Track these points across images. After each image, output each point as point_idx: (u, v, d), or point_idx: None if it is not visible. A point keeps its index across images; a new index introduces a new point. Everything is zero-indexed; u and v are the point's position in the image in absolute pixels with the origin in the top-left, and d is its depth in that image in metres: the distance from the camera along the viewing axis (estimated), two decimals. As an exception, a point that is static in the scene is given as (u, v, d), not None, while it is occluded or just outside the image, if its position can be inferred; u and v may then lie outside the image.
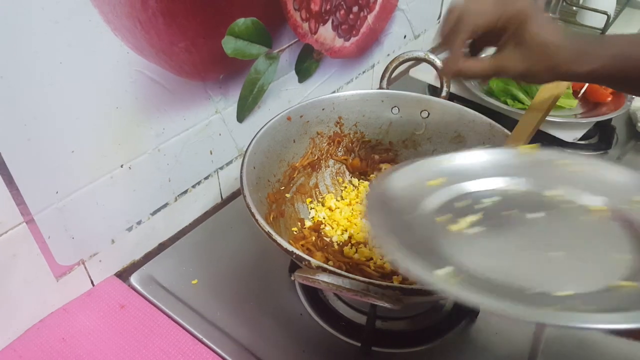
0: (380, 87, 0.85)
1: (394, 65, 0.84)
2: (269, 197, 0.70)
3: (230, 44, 0.75)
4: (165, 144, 0.73)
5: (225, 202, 0.90)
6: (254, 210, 0.59)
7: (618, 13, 1.52)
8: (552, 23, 0.56)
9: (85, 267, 0.70)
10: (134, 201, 0.73)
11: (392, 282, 0.64)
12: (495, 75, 0.59)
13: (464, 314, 0.70)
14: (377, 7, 1.04)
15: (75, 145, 0.61)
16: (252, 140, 0.70)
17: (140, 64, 0.64)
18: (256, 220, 0.58)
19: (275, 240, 0.56)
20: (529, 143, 0.72)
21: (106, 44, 0.59)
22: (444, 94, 0.84)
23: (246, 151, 0.68)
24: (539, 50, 0.55)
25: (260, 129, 0.72)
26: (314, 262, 0.53)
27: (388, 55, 1.18)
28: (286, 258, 0.73)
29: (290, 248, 0.55)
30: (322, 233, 0.73)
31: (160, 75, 0.67)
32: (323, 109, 0.80)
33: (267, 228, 0.57)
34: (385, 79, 0.85)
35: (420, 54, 0.83)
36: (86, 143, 0.62)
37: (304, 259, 0.54)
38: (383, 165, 0.83)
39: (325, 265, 0.53)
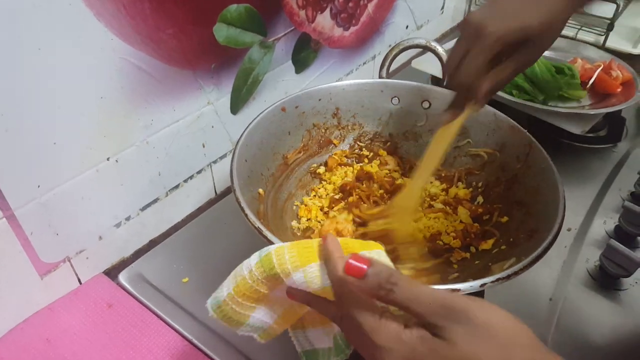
0: (380, 77, 0.82)
1: (394, 53, 0.81)
2: (262, 192, 0.67)
3: (222, 32, 0.71)
4: (154, 136, 0.70)
5: (219, 197, 0.87)
6: (243, 205, 0.56)
7: (627, 3, 1.48)
8: None
9: (72, 265, 0.68)
10: (122, 196, 0.70)
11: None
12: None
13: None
14: (377, -5, 1.01)
15: (57, 136, 0.59)
16: (243, 132, 0.67)
17: (125, 51, 0.61)
18: (246, 215, 0.55)
19: (265, 237, 0.53)
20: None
21: (88, 30, 0.56)
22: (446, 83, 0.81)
23: (237, 144, 0.65)
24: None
25: (253, 120, 0.69)
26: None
27: (390, 46, 1.14)
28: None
29: (281, 244, 0.52)
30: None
31: (148, 64, 0.64)
32: (320, 100, 0.77)
33: (257, 224, 0.54)
34: (385, 68, 0.81)
35: (422, 42, 0.80)
36: (69, 134, 0.60)
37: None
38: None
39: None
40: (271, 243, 0.53)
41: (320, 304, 0.45)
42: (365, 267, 0.38)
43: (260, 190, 0.67)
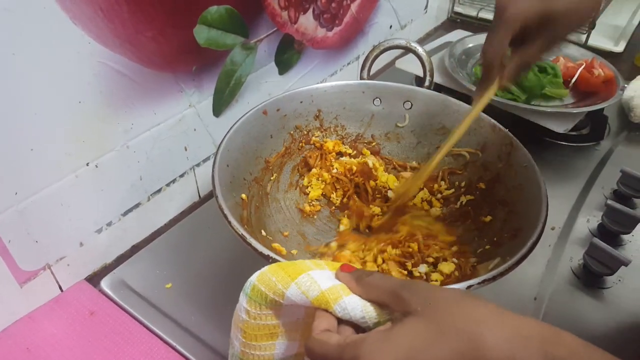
0: (361, 78, 0.82)
1: (374, 54, 0.80)
2: (245, 197, 0.67)
3: (202, 34, 0.71)
4: (134, 141, 0.69)
5: (203, 200, 0.86)
6: (226, 211, 0.56)
7: (609, 1, 1.49)
8: None
9: (52, 272, 0.66)
10: (103, 201, 0.69)
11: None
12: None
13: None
14: (360, -5, 1.01)
15: (34, 142, 0.57)
16: (224, 137, 0.66)
17: (103, 55, 0.60)
18: (229, 222, 0.55)
19: (249, 244, 0.53)
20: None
21: (64, 34, 0.55)
22: (427, 83, 0.81)
23: (218, 148, 0.64)
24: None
25: (234, 124, 0.68)
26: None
27: (374, 46, 1.15)
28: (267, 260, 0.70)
29: (266, 252, 0.52)
30: None
31: (127, 67, 0.63)
32: (301, 102, 0.76)
33: (241, 231, 0.54)
34: (366, 69, 0.81)
35: (402, 42, 0.79)
36: (46, 140, 0.59)
37: (279, 263, 0.50)
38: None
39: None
40: (255, 250, 0.52)
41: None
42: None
43: (243, 196, 0.66)
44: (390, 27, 1.19)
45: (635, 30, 1.37)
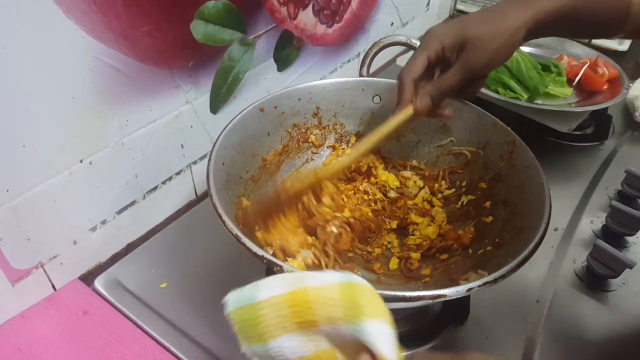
0: (361, 75, 0.80)
1: (374, 51, 0.79)
2: (241, 196, 0.65)
3: (199, 29, 0.69)
4: (129, 137, 0.68)
5: (200, 198, 0.85)
6: (221, 211, 0.54)
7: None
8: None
9: (45, 271, 0.65)
10: (97, 199, 0.68)
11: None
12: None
13: (452, 317, 0.66)
14: (361, -8, 0.99)
15: (26, 139, 0.56)
16: (220, 134, 0.64)
17: (97, 50, 0.59)
18: (223, 221, 0.53)
19: (244, 244, 0.51)
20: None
21: (57, 28, 0.54)
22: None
23: (214, 146, 0.62)
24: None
25: (230, 122, 0.66)
26: (286, 267, 0.49)
27: (374, 42, 1.13)
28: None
29: (261, 252, 0.50)
30: None
31: (121, 62, 0.62)
32: (299, 99, 0.75)
33: (235, 231, 0.52)
34: (366, 65, 0.80)
35: (402, 39, 0.78)
36: (39, 136, 0.57)
37: (276, 265, 0.49)
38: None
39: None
40: (249, 250, 0.51)
41: None
42: None
43: (239, 194, 0.65)
44: (392, 24, 1.18)
45: (640, 29, 1.36)
